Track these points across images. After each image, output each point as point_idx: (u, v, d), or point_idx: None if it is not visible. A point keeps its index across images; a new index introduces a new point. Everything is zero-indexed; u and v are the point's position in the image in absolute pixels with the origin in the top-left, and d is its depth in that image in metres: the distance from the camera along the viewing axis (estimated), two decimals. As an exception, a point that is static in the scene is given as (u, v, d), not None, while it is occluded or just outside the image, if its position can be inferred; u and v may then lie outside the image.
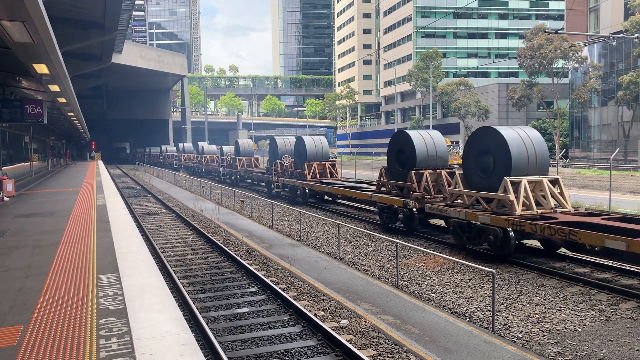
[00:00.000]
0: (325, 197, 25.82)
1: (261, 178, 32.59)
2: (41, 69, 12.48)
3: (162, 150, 75.47)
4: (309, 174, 25.54)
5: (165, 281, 7.91)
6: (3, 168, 22.23)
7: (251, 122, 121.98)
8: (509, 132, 13.71)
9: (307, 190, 24.89)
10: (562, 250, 13.12)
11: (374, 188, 20.22)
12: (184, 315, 6.76)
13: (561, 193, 13.63)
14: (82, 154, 79.80)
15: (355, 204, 23.78)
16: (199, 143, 59.03)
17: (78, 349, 4.90)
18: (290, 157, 29.26)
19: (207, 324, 8.16)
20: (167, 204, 25.68)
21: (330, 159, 28.22)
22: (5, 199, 18.44)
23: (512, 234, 12.34)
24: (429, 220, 17.66)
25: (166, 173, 49.80)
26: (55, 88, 16.18)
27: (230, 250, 14.05)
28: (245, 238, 16.33)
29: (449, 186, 16.28)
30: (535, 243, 14.25)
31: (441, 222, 17.47)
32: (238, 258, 12.81)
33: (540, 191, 13.53)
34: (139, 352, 4.78)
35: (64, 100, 19.67)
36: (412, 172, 17.07)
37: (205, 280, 11.39)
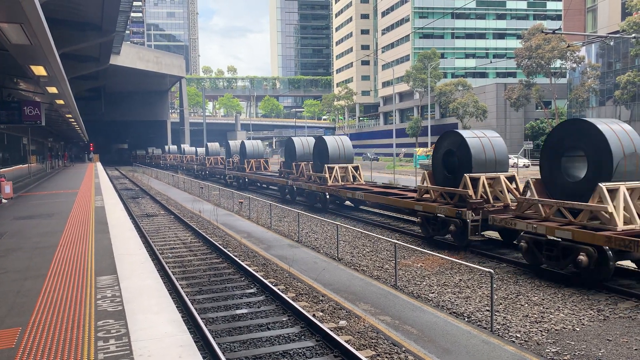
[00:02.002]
0: (346, 203, 24.11)
1: (273, 182, 30.43)
2: (39, 70, 12.47)
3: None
4: (330, 178, 22.92)
5: (164, 283, 7.91)
6: (1, 170, 22.20)
7: (249, 123, 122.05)
8: (606, 128, 11.10)
9: (327, 196, 22.82)
10: None
11: (409, 194, 18.32)
12: (182, 317, 6.76)
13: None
14: (81, 156, 79.72)
15: (386, 212, 21.43)
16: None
17: (76, 351, 4.90)
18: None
19: (205, 325, 8.15)
20: (166, 205, 25.66)
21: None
22: (4, 201, 18.42)
23: (609, 253, 10.10)
24: (483, 233, 14.76)
25: (164, 174, 49.75)
26: (53, 90, 16.17)
27: (228, 251, 14.04)
28: (244, 239, 16.32)
29: (509, 193, 14.36)
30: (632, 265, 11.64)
31: (494, 234, 15.17)
32: (237, 259, 12.80)
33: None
34: (137, 354, 4.78)
35: (61, 102, 19.66)
36: (468, 176, 14.47)
37: (204, 281, 11.38)
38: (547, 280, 11.19)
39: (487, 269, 8.74)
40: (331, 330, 7.88)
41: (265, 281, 10.63)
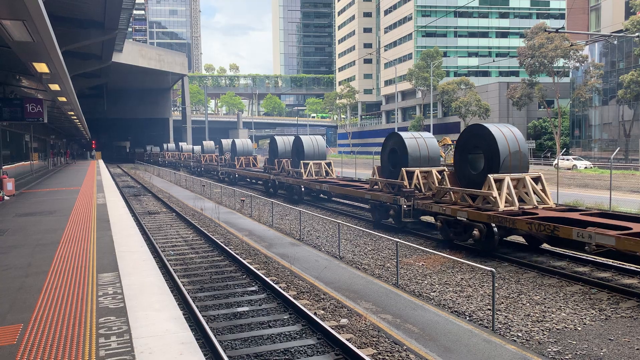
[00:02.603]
0: (321, 195, 26.46)
1: (259, 177, 33.10)
2: (41, 68, 12.47)
3: (147, 150, 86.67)
4: (305, 173, 26.08)
5: (165, 280, 7.91)
6: (3, 167, 22.24)
7: (252, 121, 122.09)
8: (496, 130, 14.18)
9: (302, 189, 25.42)
10: (545, 245, 13.72)
11: (366, 186, 20.67)
12: (183, 314, 6.77)
13: (543, 190, 14.14)
14: (83, 153, 79.84)
15: (350, 202, 24.31)
16: (180, 143, 71.23)
17: (77, 348, 4.91)
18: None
19: (206, 323, 8.16)
20: (168, 202, 25.69)
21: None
22: (6, 197, 18.46)
23: (495, 229, 12.87)
24: (421, 218, 17.48)
25: (166, 172, 49.81)
26: (55, 87, 16.17)
27: (230, 249, 14.05)
28: (246, 237, 16.33)
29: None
30: (519, 239, 14.70)
31: (432, 219, 17.03)
32: (238, 257, 12.81)
33: (523, 188, 14.00)
34: (138, 351, 4.79)
35: (64, 99, 19.66)
36: (404, 170, 17.71)
37: (205, 279, 11.39)
38: (522, 270, 11.17)
39: (488, 268, 8.73)
40: (332, 329, 7.88)
41: (267, 279, 10.63)
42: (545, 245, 13.59)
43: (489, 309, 9.21)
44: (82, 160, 67.45)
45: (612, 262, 11.79)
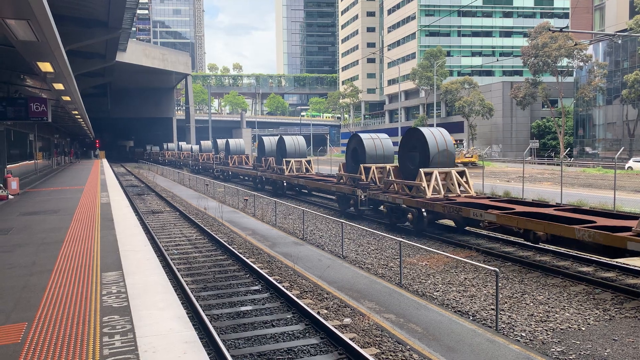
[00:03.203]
0: (303, 190, 29.02)
1: (249, 174, 36.40)
2: (45, 67, 12.51)
3: (147, 149, 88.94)
4: (287, 170, 29.16)
5: (169, 279, 7.92)
6: (8, 166, 22.31)
7: (255, 121, 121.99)
8: (428, 133, 17.62)
9: (284, 183, 28.53)
10: (469, 228, 16.37)
11: (335, 180, 23.31)
12: (187, 313, 6.78)
13: (467, 182, 17.33)
14: (87, 152, 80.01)
15: (325, 195, 26.93)
16: (179, 143, 75.15)
17: (82, 346, 4.92)
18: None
19: (210, 322, 8.17)
20: (171, 202, 25.73)
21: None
22: (10, 196, 18.51)
23: (424, 213, 15.62)
24: (379, 207, 19.96)
25: (170, 171, 49.90)
26: (59, 86, 16.21)
27: (233, 248, 14.06)
28: (249, 236, 16.35)
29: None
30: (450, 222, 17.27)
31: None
32: (241, 256, 12.82)
33: (450, 180, 17.21)
34: (142, 350, 4.80)
35: (68, 98, 19.72)
36: (362, 166, 20.88)
37: (209, 278, 11.41)
38: (525, 270, 11.15)
39: (492, 268, 8.72)
40: (336, 328, 7.88)
41: (270, 278, 10.64)
42: (469, 228, 16.33)
43: (493, 309, 9.20)
44: (85, 160, 67.63)
45: (616, 262, 11.76)
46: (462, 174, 17.38)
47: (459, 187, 17.16)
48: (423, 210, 15.65)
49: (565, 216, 12.10)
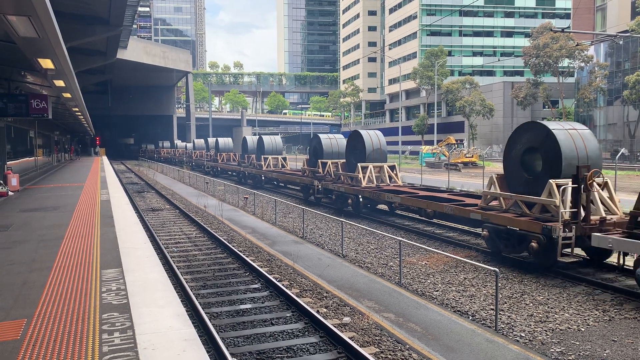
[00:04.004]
0: (280, 184, 33.22)
1: (234, 169, 40.73)
2: (46, 63, 12.49)
3: (142, 147, 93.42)
4: (264, 165, 32.80)
5: (169, 277, 7.92)
6: (8, 162, 22.31)
7: (255, 119, 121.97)
8: (366, 134, 21.64)
9: (263, 177, 33.08)
10: (400, 211, 20.08)
11: (299, 174, 27.08)
12: (186, 311, 6.77)
13: (396, 174, 21.49)
14: (87, 150, 80.00)
15: (296, 187, 29.71)
16: (175, 141, 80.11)
17: (81, 343, 4.92)
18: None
19: (209, 320, 8.16)
20: (171, 199, 25.72)
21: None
22: (10, 193, 18.51)
23: (360, 198, 19.79)
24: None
25: (170, 169, 49.92)
26: (60, 83, 16.20)
27: (233, 246, 14.06)
28: (249, 235, 16.34)
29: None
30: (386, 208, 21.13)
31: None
32: (241, 254, 12.82)
33: (383, 173, 21.23)
34: (141, 347, 4.79)
35: (68, 95, 19.70)
36: (320, 161, 24.39)
37: (209, 276, 11.40)
38: (525, 270, 11.14)
39: (492, 268, 8.72)
40: (335, 327, 7.87)
41: (270, 277, 10.63)
42: (401, 212, 19.96)
43: (492, 309, 9.20)
44: (86, 157, 67.63)
45: (616, 262, 11.75)
46: (392, 168, 21.62)
47: (390, 180, 21.19)
48: (360, 196, 19.81)
49: (447, 197, 16.66)
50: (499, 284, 9.83)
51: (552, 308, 9.39)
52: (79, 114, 30.94)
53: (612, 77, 54.72)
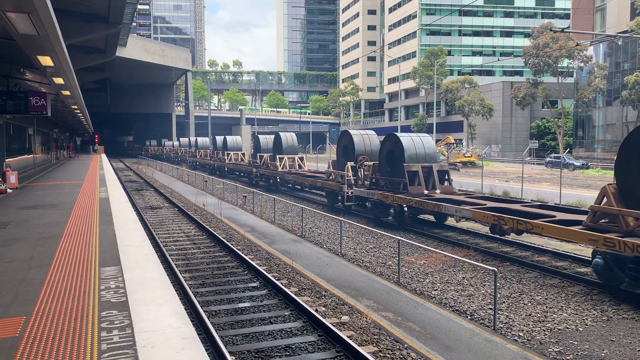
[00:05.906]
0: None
1: (205, 163, 44.12)
2: (45, 61, 12.47)
3: (146, 144, 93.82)
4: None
5: (167, 275, 7.92)
6: (6, 160, 22.27)
7: (254, 118, 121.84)
8: (283, 135, 29.85)
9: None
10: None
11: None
12: (185, 309, 6.77)
13: (303, 163, 29.45)
14: (86, 147, 79.91)
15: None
16: (162, 139, 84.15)
17: (79, 341, 4.91)
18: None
19: (208, 318, 8.17)
20: (170, 198, 25.70)
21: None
22: (9, 190, 18.48)
23: (278, 179, 27.80)
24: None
25: (169, 167, 49.89)
26: (59, 80, 16.17)
27: (232, 245, 14.06)
28: (247, 233, 16.34)
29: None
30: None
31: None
32: (240, 253, 12.82)
33: (295, 162, 28.85)
34: (140, 345, 4.79)
35: (67, 92, 19.67)
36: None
37: (207, 274, 11.40)
38: (523, 270, 11.16)
39: (490, 267, 8.72)
40: (333, 326, 7.88)
41: (269, 275, 10.63)
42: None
43: (491, 309, 9.21)
44: (85, 154, 67.54)
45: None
46: (302, 159, 27.63)
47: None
48: (277, 178, 26.34)
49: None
50: (498, 284, 9.83)
51: (550, 308, 9.40)
52: (78, 111, 30.90)
53: (611, 78, 54.74)
